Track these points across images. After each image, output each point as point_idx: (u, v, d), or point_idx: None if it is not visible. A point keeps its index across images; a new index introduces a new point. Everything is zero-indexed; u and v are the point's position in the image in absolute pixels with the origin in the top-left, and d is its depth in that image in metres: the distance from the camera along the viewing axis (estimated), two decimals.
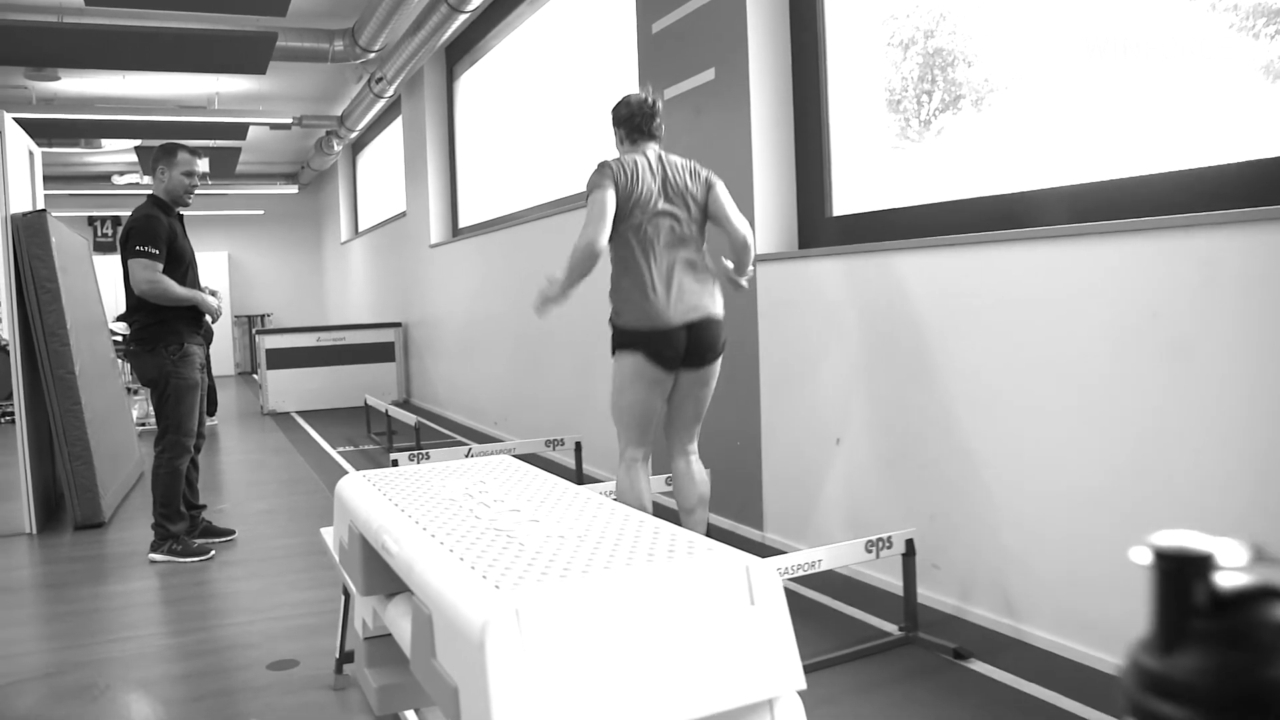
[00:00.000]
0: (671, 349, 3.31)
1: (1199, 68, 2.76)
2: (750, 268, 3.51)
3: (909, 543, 3.12)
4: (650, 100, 3.45)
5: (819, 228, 4.21)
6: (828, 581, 3.60)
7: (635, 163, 3.35)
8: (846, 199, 4.11)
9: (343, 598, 2.87)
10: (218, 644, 3.27)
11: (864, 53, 3.98)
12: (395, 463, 4.83)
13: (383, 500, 1.60)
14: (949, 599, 3.36)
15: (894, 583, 3.53)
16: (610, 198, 3.28)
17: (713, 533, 4.31)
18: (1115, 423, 2.74)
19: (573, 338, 6.20)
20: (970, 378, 3.22)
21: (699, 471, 3.52)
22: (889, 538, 3.09)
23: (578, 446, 5.27)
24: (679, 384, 3.42)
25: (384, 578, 1.52)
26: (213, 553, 4.37)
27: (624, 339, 3.38)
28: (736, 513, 4.50)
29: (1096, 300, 2.78)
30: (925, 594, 3.36)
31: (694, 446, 3.54)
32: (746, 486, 4.39)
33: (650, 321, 3.29)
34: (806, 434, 4.03)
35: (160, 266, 4.19)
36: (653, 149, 3.43)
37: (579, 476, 5.26)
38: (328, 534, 2.83)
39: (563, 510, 1.47)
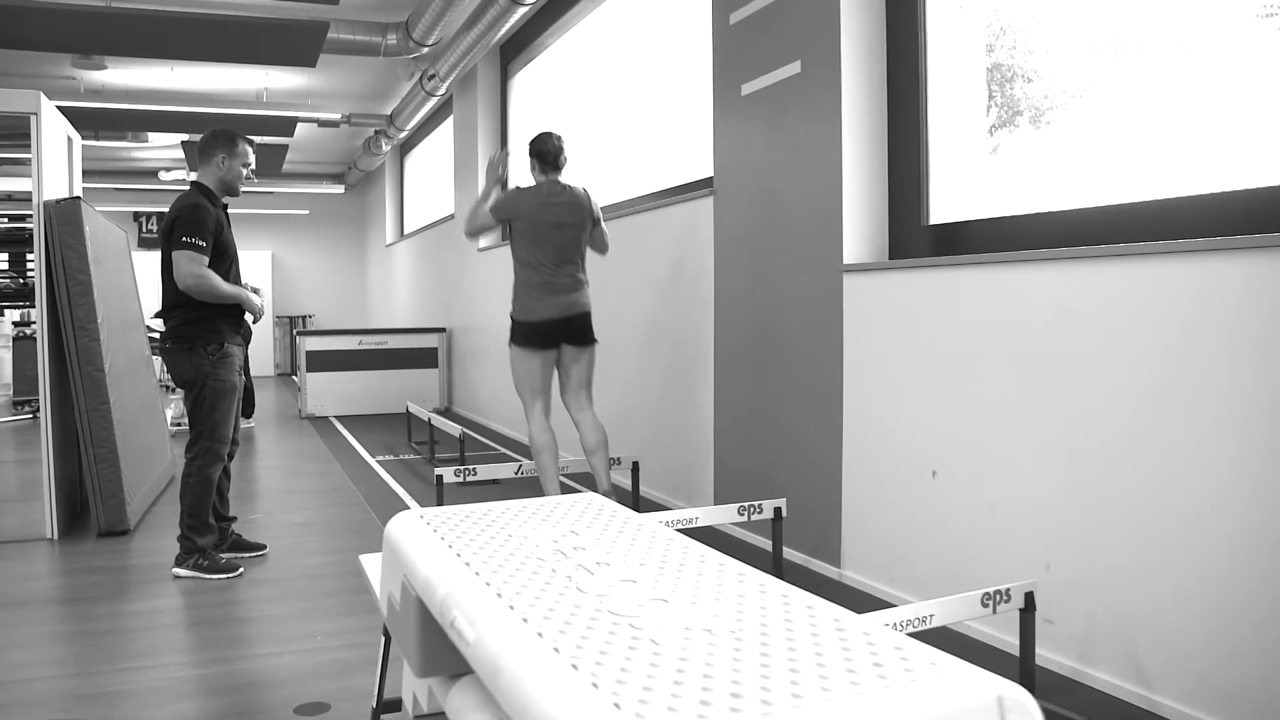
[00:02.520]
0: (550, 334, 4.42)
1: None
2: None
3: (1028, 596, 2.72)
4: (558, 142, 4.55)
5: (913, 237, 3.82)
6: (931, 636, 3.19)
7: (537, 189, 4.46)
8: (943, 206, 3.72)
9: (383, 638, 2.51)
10: (240, 679, 2.92)
11: (969, 42, 3.59)
12: (440, 478, 4.49)
13: (448, 555, 1.23)
14: (1065, 659, 2.94)
15: (1001, 638, 3.13)
16: (488, 220, 4.57)
17: (786, 569, 3.92)
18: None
19: (628, 350, 5.84)
20: (1099, 407, 2.81)
21: (596, 420, 4.56)
22: (1007, 590, 2.69)
23: (634, 467, 4.90)
24: (563, 358, 4.52)
25: (447, 656, 1.15)
26: (241, 570, 4.04)
27: (516, 327, 4.48)
28: (811, 547, 4.10)
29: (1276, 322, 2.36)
30: (1038, 652, 2.94)
31: (589, 404, 4.60)
32: (823, 518, 4.00)
33: (534, 315, 4.41)
34: (895, 464, 3.63)
35: (207, 260, 3.88)
36: (555, 179, 4.50)
37: (635, 500, 4.88)
38: (369, 564, 2.49)
39: (692, 582, 1.09)
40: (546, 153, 4.52)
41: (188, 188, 4.08)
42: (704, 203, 4.90)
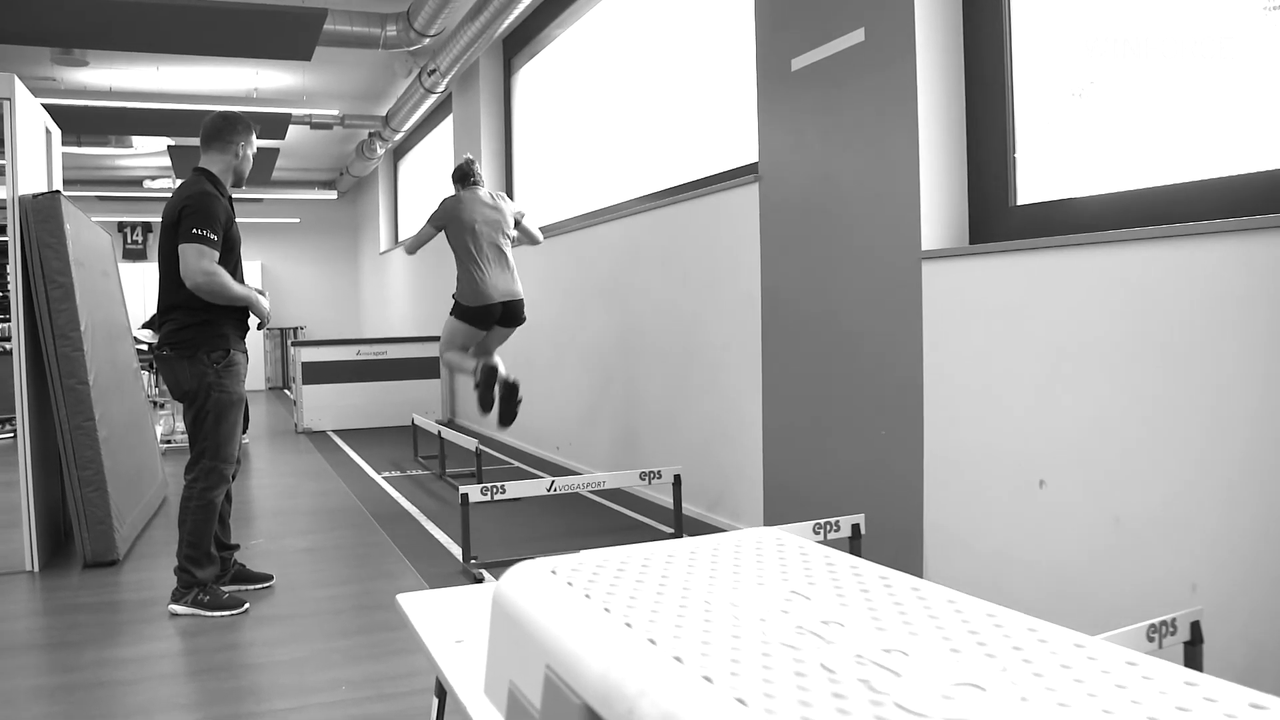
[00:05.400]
0: (491, 317, 5.17)
1: None
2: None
3: (1194, 627, 2.30)
4: (469, 162, 5.32)
5: (999, 218, 3.41)
6: None
7: (464, 197, 5.21)
8: (1032, 185, 3.31)
9: (436, 698, 2.07)
10: None
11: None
12: (465, 497, 4.05)
13: (633, 639, 0.79)
14: None
15: None
16: (430, 231, 5.28)
17: None
18: None
19: (662, 354, 5.41)
20: (1254, 401, 2.40)
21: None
22: (1172, 620, 2.27)
23: (676, 480, 4.46)
24: (493, 333, 5.33)
25: None
26: (246, 605, 3.58)
27: (461, 309, 5.17)
28: (886, 564, 3.66)
29: None
30: None
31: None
32: (900, 534, 3.57)
33: (479, 300, 5.09)
34: (990, 474, 3.21)
35: (218, 256, 3.44)
36: (477, 189, 5.26)
37: (678, 519, 4.45)
38: (409, 604, 2.05)
39: (1027, 681, 0.68)
40: (465, 173, 5.29)
41: (189, 177, 3.63)
42: (747, 191, 4.48)
